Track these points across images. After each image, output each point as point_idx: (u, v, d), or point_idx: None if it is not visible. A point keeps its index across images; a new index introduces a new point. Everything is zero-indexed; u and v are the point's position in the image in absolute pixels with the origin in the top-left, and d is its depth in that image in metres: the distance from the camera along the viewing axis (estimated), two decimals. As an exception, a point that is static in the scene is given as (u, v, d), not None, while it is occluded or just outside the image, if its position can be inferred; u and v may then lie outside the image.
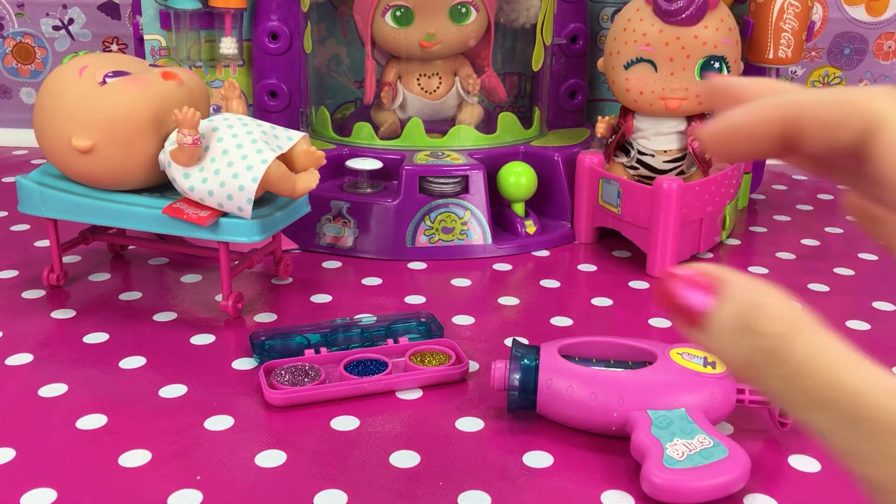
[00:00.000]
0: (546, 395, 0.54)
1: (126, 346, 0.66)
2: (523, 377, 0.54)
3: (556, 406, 0.54)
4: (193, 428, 0.56)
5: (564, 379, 0.53)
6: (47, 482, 0.50)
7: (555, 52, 0.97)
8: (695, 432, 0.50)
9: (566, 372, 0.54)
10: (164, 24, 0.90)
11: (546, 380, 0.54)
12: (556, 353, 0.55)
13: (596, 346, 0.57)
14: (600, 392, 0.53)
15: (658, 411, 0.51)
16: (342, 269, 0.81)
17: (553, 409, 0.54)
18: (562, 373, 0.54)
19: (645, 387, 0.53)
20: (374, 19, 0.87)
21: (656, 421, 0.51)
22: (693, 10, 0.76)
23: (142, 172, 0.69)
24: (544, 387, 0.54)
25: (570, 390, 0.53)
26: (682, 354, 0.54)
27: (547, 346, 0.56)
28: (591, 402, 0.52)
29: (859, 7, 1.12)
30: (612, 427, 0.53)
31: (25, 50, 1.16)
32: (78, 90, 0.67)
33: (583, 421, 0.54)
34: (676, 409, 0.51)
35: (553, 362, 0.54)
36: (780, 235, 0.91)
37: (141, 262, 0.82)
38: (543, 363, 0.54)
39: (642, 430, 0.50)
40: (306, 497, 0.50)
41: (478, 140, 0.90)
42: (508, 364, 0.55)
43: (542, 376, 0.54)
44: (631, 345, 0.56)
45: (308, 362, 0.62)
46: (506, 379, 0.55)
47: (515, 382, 0.55)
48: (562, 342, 0.56)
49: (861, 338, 0.70)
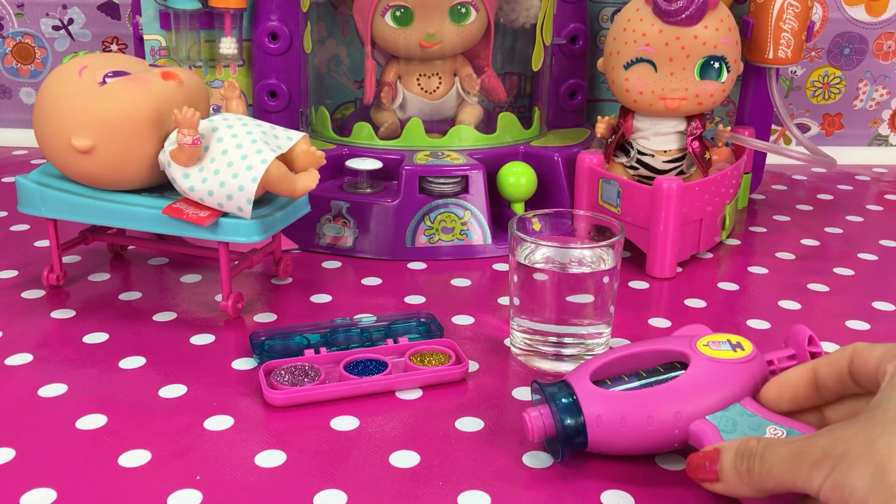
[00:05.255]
0: (598, 433, 0.50)
1: (126, 346, 0.66)
2: (567, 419, 0.50)
3: (613, 440, 0.50)
4: (193, 428, 0.56)
5: (613, 410, 0.50)
6: (47, 482, 0.50)
7: (555, 52, 0.97)
8: (762, 424, 0.48)
9: (611, 402, 0.50)
10: (164, 24, 0.90)
11: (593, 416, 0.50)
12: (589, 382, 0.51)
13: (622, 362, 0.53)
14: (655, 413, 0.49)
15: (717, 415, 0.49)
16: (342, 269, 0.81)
17: (609, 444, 0.51)
18: (607, 404, 0.50)
19: (696, 393, 0.50)
20: (374, 19, 0.87)
21: (722, 426, 0.48)
22: (693, 10, 0.76)
23: (142, 172, 0.69)
24: (594, 424, 0.50)
25: (624, 421, 0.49)
26: (709, 345, 0.52)
27: (574, 377, 0.52)
28: (649, 426, 0.49)
29: (859, 7, 1.12)
30: (674, 444, 0.50)
31: (25, 50, 1.16)
32: (78, 90, 0.67)
33: (643, 447, 0.51)
34: (731, 407, 0.49)
35: (592, 394, 0.50)
36: (779, 235, 0.91)
37: (141, 262, 0.82)
38: (582, 398, 0.50)
39: (715, 440, 0.48)
40: (306, 497, 0.50)
41: (478, 140, 0.90)
42: (543, 409, 0.51)
43: (588, 412, 0.50)
44: (657, 349, 0.53)
45: (308, 362, 0.62)
46: (546, 427, 0.51)
47: (561, 428, 0.50)
48: (588, 368, 0.52)
49: (861, 338, 0.70)
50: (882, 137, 1.19)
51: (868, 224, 0.95)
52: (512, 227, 0.63)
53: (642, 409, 0.49)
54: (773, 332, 0.70)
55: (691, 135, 0.81)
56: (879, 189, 1.07)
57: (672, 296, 0.77)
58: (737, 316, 0.73)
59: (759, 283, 0.80)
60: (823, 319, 0.72)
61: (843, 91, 1.16)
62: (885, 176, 1.11)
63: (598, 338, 0.63)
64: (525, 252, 0.62)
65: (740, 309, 0.74)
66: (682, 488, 0.51)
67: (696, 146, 0.82)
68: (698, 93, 0.79)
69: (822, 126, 1.18)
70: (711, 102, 0.80)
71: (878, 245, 0.89)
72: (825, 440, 0.40)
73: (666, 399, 0.49)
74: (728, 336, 0.52)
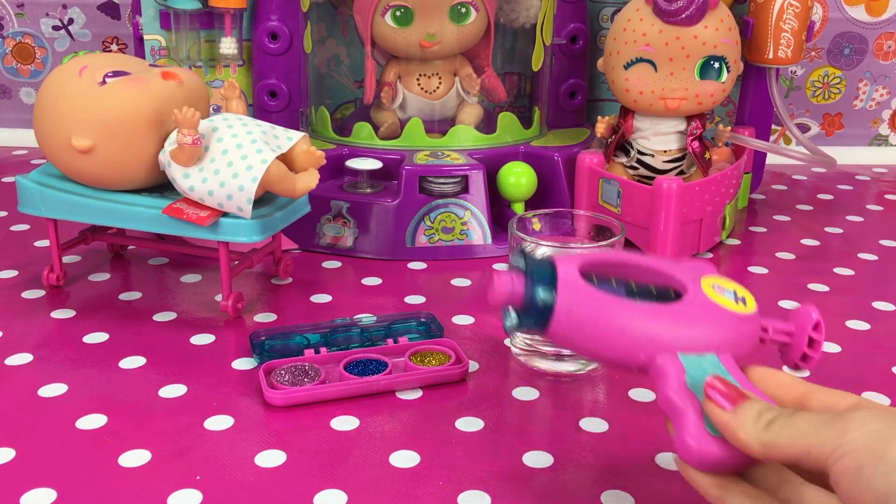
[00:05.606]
0: (563, 323, 0.44)
1: (126, 346, 0.66)
2: (537, 296, 0.44)
3: (574, 336, 0.45)
4: (193, 428, 0.56)
5: (588, 308, 0.44)
6: (47, 482, 0.50)
7: (555, 52, 0.97)
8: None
9: (590, 299, 0.44)
10: (164, 24, 0.90)
11: (566, 305, 0.44)
12: (577, 272, 0.45)
13: (618, 266, 0.48)
14: (630, 329, 0.44)
15: (690, 356, 0.43)
16: (342, 269, 0.81)
17: (569, 340, 0.45)
18: (585, 299, 0.44)
19: (679, 326, 0.44)
20: (374, 19, 0.87)
21: (689, 369, 0.43)
22: (693, 10, 0.76)
23: (142, 172, 0.69)
24: (562, 313, 0.44)
25: (595, 324, 0.44)
26: (713, 286, 0.46)
27: (564, 261, 0.46)
28: (617, 338, 0.44)
29: (859, 7, 1.12)
30: (631, 367, 0.45)
31: (25, 50, 1.16)
32: (78, 90, 0.67)
33: (601, 355, 0.46)
34: (708, 355, 0.44)
35: (573, 284, 0.45)
36: (779, 235, 0.91)
37: (141, 262, 0.82)
38: (562, 283, 0.44)
39: (675, 382, 0.43)
40: (306, 497, 0.50)
41: (478, 140, 0.90)
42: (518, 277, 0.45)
43: (562, 300, 0.44)
44: (659, 269, 0.47)
45: (308, 362, 0.62)
46: (512, 295, 0.45)
47: (528, 301, 0.44)
48: (582, 258, 0.47)
49: (861, 338, 0.70)
50: (882, 137, 1.19)
51: (868, 224, 0.95)
52: (512, 227, 0.63)
53: (618, 318, 0.44)
54: (773, 332, 0.70)
55: (691, 135, 0.81)
56: (879, 189, 1.07)
57: (672, 296, 0.77)
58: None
59: (759, 283, 0.80)
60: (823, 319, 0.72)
61: (843, 91, 1.16)
62: (885, 176, 1.11)
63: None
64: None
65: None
66: (682, 488, 0.51)
67: (696, 146, 0.82)
68: (698, 93, 0.79)
69: (822, 126, 1.18)
70: (711, 102, 0.80)
71: (878, 245, 0.89)
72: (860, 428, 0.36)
73: (647, 319, 0.44)
74: (736, 287, 0.47)
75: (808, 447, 0.36)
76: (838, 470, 0.34)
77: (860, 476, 0.33)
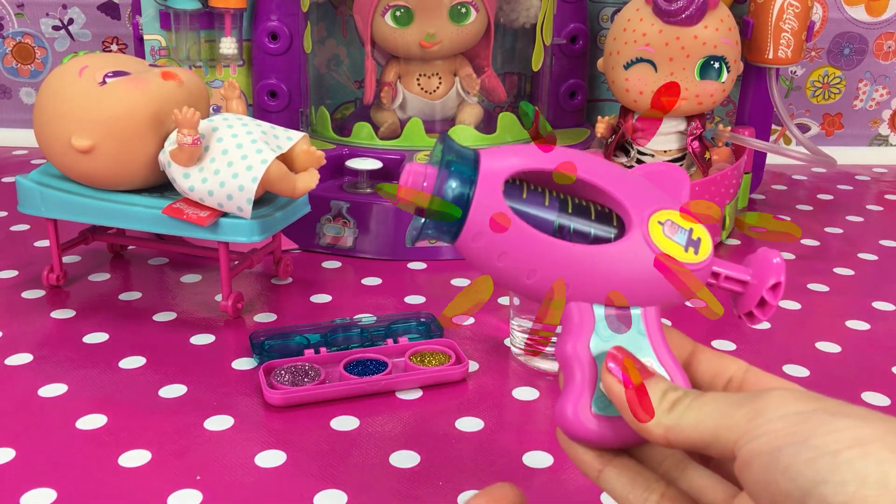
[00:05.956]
0: (470, 247, 0.36)
1: (126, 346, 0.66)
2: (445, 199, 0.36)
3: (481, 263, 0.37)
4: (193, 428, 0.56)
5: (501, 238, 0.36)
6: (47, 482, 0.50)
7: (555, 52, 0.97)
8: (642, 350, 0.36)
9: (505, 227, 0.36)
10: (164, 24, 0.90)
11: (474, 227, 0.36)
12: (501, 181, 0.36)
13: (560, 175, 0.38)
14: (542, 271, 0.36)
15: (607, 310, 0.37)
16: (342, 269, 0.81)
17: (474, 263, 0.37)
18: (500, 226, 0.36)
19: (601, 273, 0.36)
20: (374, 19, 0.87)
21: (600, 327, 0.36)
22: (693, 10, 0.76)
23: (142, 172, 0.69)
24: (470, 236, 0.36)
25: (503, 257, 0.36)
26: (663, 224, 0.37)
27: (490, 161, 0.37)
28: (526, 278, 0.36)
29: (859, 7, 1.12)
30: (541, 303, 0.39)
31: (25, 50, 1.16)
32: (78, 90, 0.67)
33: (511, 288, 0.38)
34: (631, 309, 0.37)
35: (491, 199, 0.36)
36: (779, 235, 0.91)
37: (141, 262, 0.82)
38: (480, 196, 0.36)
39: (579, 339, 0.36)
40: (306, 497, 0.50)
41: (478, 140, 0.90)
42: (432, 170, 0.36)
43: (473, 218, 0.36)
44: (606, 189, 0.38)
45: (308, 362, 0.62)
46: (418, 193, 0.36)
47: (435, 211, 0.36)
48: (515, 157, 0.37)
49: (861, 338, 0.70)
50: (882, 137, 1.19)
51: (868, 224, 0.95)
52: None
53: (530, 259, 0.36)
54: (772, 332, 0.70)
55: (691, 135, 0.81)
56: (879, 189, 1.07)
57: (672, 296, 0.77)
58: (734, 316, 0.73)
59: (759, 283, 0.80)
60: (823, 319, 0.72)
61: (843, 91, 1.16)
62: (885, 176, 1.11)
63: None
64: None
65: (740, 309, 0.74)
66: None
67: (696, 146, 0.82)
68: (698, 93, 0.79)
69: (822, 126, 1.18)
70: (711, 102, 0.80)
71: (878, 245, 0.89)
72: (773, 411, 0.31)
73: (564, 263, 0.36)
74: (693, 226, 0.38)
75: (717, 429, 0.31)
76: (748, 452, 0.30)
77: (777, 460, 0.29)
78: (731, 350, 0.67)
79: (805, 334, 0.70)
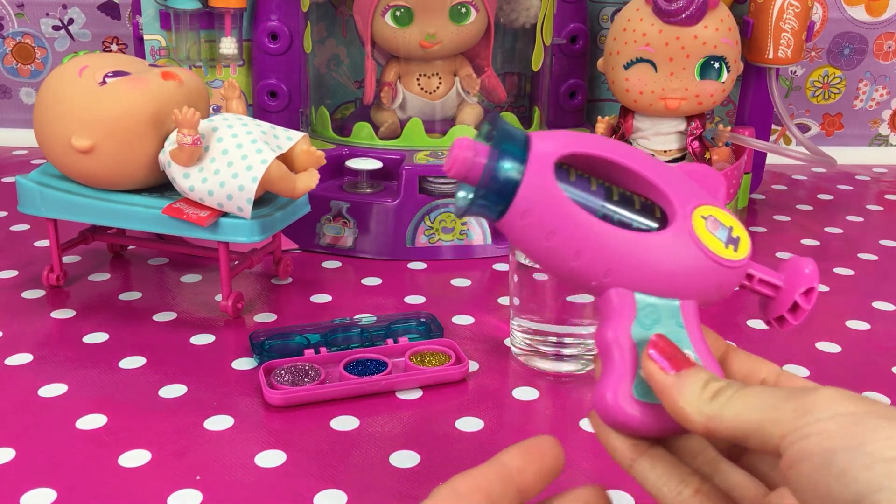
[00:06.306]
0: (514, 225, 0.37)
1: (126, 346, 0.66)
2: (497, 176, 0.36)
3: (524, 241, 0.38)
4: (193, 428, 0.56)
5: (547, 216, 0.37)
6: (47, 482, 0.50)
7: (555, 52, 0.97)
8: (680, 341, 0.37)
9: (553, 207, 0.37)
10: (164, 24, 0.90)
11: (523, 205, 0.37)
12: (552, 161, 0.37)
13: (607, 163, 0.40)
14: (587, 254, 0.37)
15: (648, 299, 0.38)
16: (342, 269, 0.81)
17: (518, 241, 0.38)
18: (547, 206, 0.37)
19: (646, 265, 0.38)
20: (374, 19, 0.87)
21: (642, 315, 0.37)
22: (693, 10, 0.76)
23: (142, 172, 0.69)
24: (518, 213, 0.37)
25: (550, 237, 0.37)
26: (707, 220, 0.39)
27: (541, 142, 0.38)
28: (572, 260, 0.37)
29: (859, 7, 1.12)
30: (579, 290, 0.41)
31: (25, 50, 1.16)
32: (78, 90, 0.67)
33: (552, 270, 0.39)
34: (669, 301, 0.38)
35: (542, 176, 0.37)
36: (780, 235, 0.91)
37: (141, 262, 0.82)
38: (529, 176, 0.37)
39: (620, 326, 0.37)
40: (306, 497, 0.50)
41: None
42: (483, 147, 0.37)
43: (522, 196, 0.37)
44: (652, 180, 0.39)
45: (308, 362, 0.62)
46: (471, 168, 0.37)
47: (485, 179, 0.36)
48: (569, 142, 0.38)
49: (861, 338, 0.70)
50: (882, 137, 1.19)
51: (868, 224, 0.95)
52: None
53: (576, 240, 0.37)
54: (772, 332, 0.70)
55: (691, 135, 0.81)
56: (879, 189, 1.07)
57: (672, 296, 0.76)
58: (737, 316, 0.73)
59: (759, 283, 0.80)
60: (823, 319, 0.72)
61: (843, 91, 1.16)
62: (885, 176, 1.11)
63: (598, 338, 0.63)
64: None
65: (740, 309, 0.74)
66: (682, 488, 0.51)
67: (696, 146, 0.82)
68: (698, 93, 0.79)
69: (822, 126, 1.18)
70: (711, 102, 0.80)
71: (878, 245, 0.89)
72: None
73: (610, 248, 0.37)
74: (734, 223, 0.39)
75: (761, 422, 0.31)
76: (798, 451, 0.29)
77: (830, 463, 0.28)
78: (731, 350, 0.67)
79: (805, 334, 0.70)
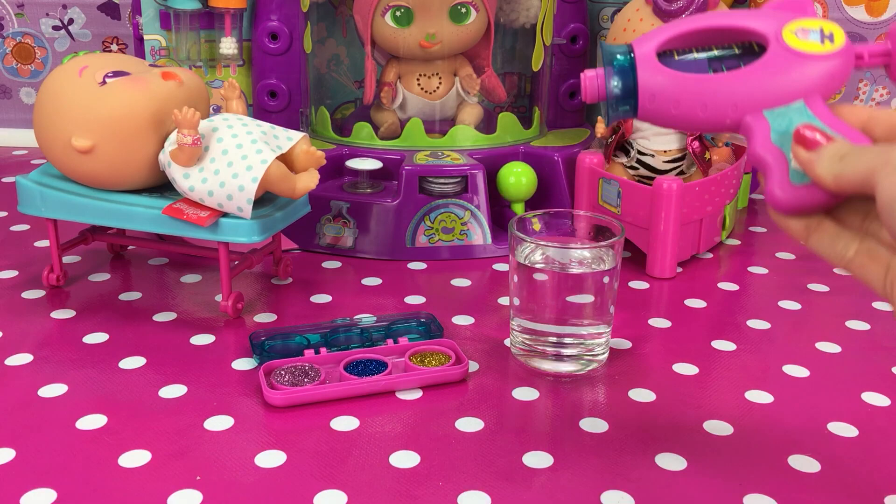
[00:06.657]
0: (649, 108, 0.47)
1: (126, 346, 0.66)
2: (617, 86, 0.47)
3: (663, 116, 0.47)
4: (193, 428, 0.56)
5: (668, 91, 0.46)
6: (47, 482, 0.50)
7: (555, 52, 0.97)
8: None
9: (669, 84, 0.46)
10: (164, 24, 0.90)
11: (648, 93, 0.46)
12: (654, 53, 0.47)
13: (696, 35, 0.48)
14: (711, 102, 0.46)
15: (775, 110, 0.45)
16: (342, 270, 0.81)
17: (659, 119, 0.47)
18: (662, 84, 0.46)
19: (761, 87, 0.45)
20: (374, 19, 0.87)
21: (775, 124, 0.45)
22: (693, 10, 0.76)
23: (142, 172, 0.69)
24: (647, 101, 0.46)
25: (678, 104, 0.46)
26: (796, 32, 0.46)
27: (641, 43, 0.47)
28: (701, 112, 0.46)
29: (859, 7, 1.12)
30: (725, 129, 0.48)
31: (25, 50, 1.16)
32: (78, 90, 0.67)
33: (693, 127, 0.48)
34: (795, 104, 0.45)
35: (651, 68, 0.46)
36: (780, 235, 0.91)
37: (141, 262, 0.82)
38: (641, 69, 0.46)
39: (760, 140, 0.44)
40: (306, 497, 0.50)
41: (478, 140, 0.90)
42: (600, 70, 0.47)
43: (643, 86, 0.46)
44: (737, 26, 0.47)
45: (308, 362, 0.62)
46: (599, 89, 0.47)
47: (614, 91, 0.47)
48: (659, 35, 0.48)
49: (861, 338, 0.70)
50: (882, 137, 1.18)
51: (868, 224, 0.95)
52: (512, 227, 0.63)
53: (698, 97, 0.46)
54: (772, 332, 0.70)
55: (691, 135, 0.81)
56: (879, 189, 1.06)
57: (672, 296, 0.77)
58: (737, 316, 0.73)
59: (759, 283, 0.80)
60: (823, 319, 0.73)
61: (842, 91, 1.16)
62: (885, 176, 1.11)
63: (598, 338, 0.64)
64: (525, 252, 0.62)
65: (740, 309, 0.74)
66: (682, 488, 0.51)
67: (696, 146, 0.82)
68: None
69: (822, 126, 1.18)
70: (711, 102, 0.80)
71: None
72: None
73: (727, 90, 0.46)
74: (822, 24, 0.46)
75: (872, 168, 0.38)
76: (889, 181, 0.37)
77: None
78: (731, 350, 0.67)
79: (805, 334, 0.70)
